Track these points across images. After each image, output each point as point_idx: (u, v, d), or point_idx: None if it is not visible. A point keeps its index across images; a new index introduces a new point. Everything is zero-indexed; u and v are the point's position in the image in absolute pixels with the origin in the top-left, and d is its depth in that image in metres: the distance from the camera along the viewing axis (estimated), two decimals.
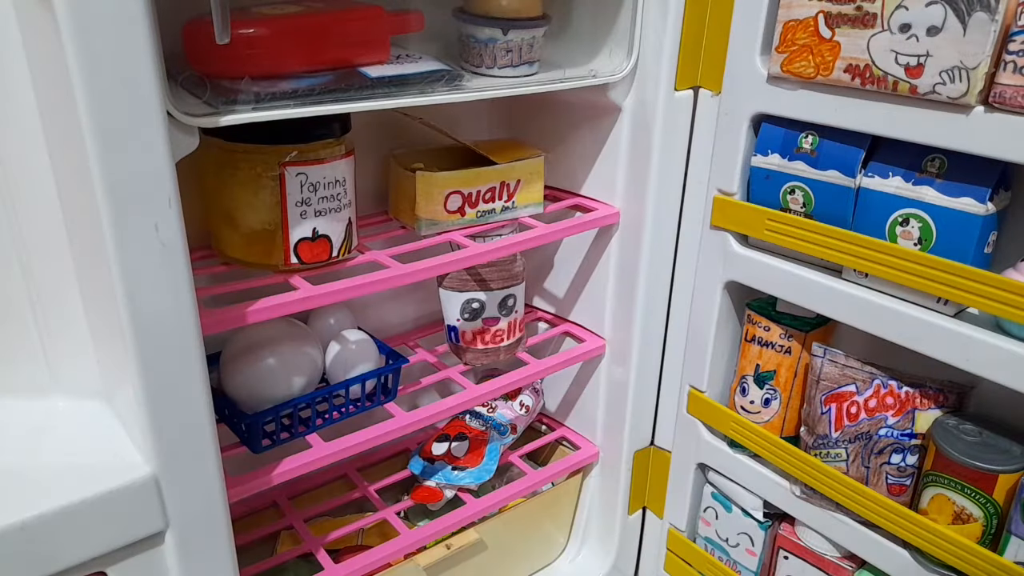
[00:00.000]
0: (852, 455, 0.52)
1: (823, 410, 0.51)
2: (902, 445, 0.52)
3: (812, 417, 0.52)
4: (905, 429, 0.52)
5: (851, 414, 0.49)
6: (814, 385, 0.53)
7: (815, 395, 0.52)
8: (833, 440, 0.52)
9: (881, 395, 0.48)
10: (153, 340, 0.46)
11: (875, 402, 0.48)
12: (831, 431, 0.52)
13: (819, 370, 0.53)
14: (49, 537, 0.46)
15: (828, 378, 0.52)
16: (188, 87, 0.51)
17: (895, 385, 0.48)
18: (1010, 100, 0.52)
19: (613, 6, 0.70)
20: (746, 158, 0.71)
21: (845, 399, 0.50)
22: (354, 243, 0.67)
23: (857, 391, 0.49)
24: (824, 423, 0.52)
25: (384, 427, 0.67)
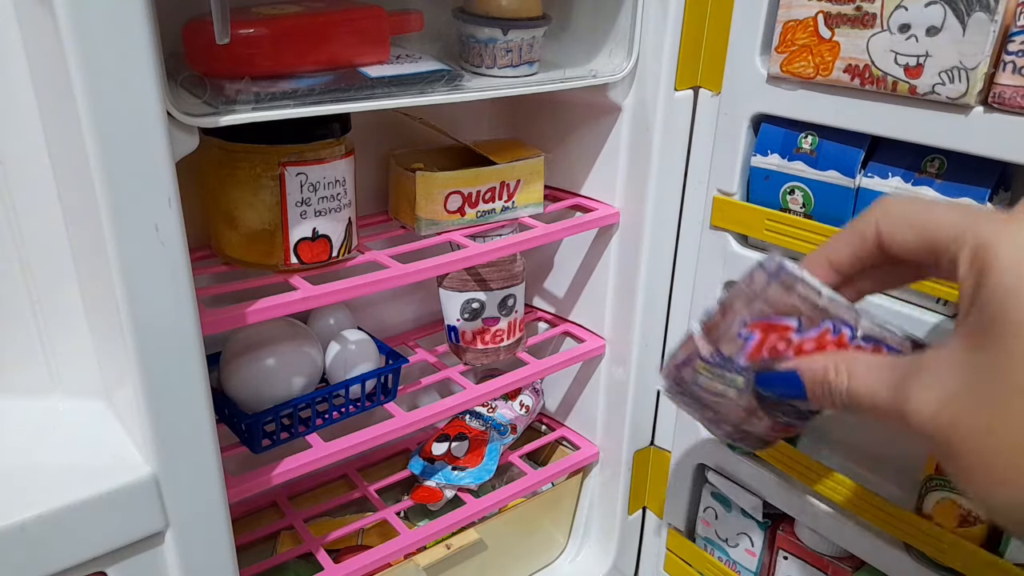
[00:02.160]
0: (749, 386, 0.41)
1: (742, 333, 0.39)
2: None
3: (723, 330, 0.40)
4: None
5: (775, 350, 0.37)
6: (744, 299, 0.39)
7: (740, 310, 0.39)
8: (737, 367, 0.40)
9: (826, 341, 0.37)
10: (153, 340, 0.46)
11: (812, 346, 0.37)
12: (739, 358, 0.40)
13: (762, 287, 0.38)
14: (49, 537, 0.46)
15: (770, 302, 0.38)
16: (188, 87, 0.51)
17: (847, 334, 0.36)
18: (1009, 100, 0.52)
19: (613, 6, 0.70)
20: (746, 158, 0.71)
21: (776, 331, 0.37)
22: (354, 243, 0.67)
23: (798, 328, 0.37)
24: (735, 346, 0.40)
25: (384, 427, 0.67)
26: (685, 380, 0.43)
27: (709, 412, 0.44)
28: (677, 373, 0.44)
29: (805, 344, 0.39)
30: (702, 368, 0.43)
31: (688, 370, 0.43)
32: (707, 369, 0.42)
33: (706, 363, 0.42)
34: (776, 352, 0.40)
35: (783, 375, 0.39)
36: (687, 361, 0.43)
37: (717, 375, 0.42)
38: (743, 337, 0.40)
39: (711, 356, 0.42)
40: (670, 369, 0.44)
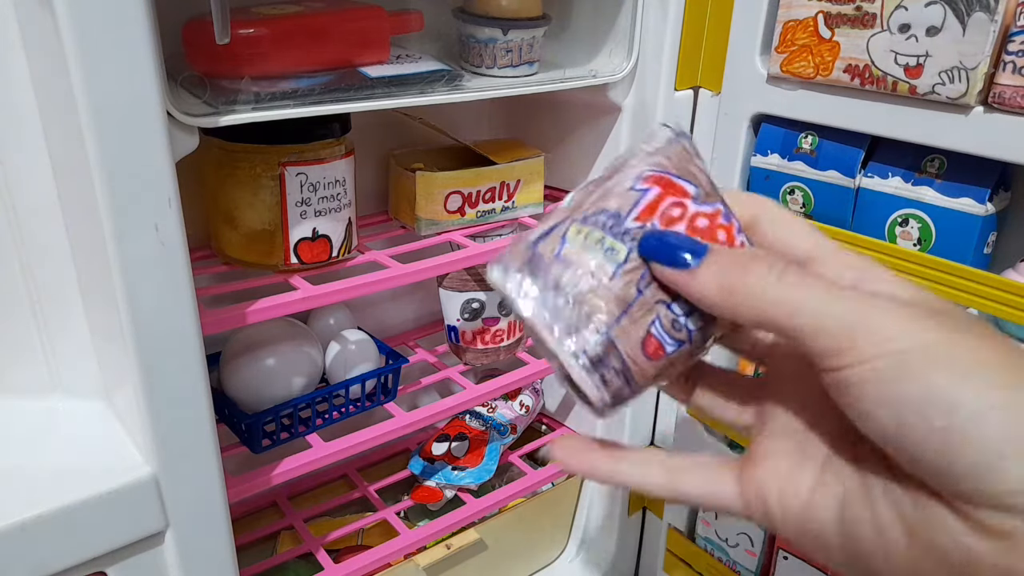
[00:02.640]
0: (632, 265, 0.30)
1: (636, 185, 0.31)
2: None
3: (612, 185, 0.31)
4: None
5: (668, 216, 0.30)
6: (641, 153, 0.32)
7: (635, 163, 0.31)
8: (623, 227, 0.30)
9: (717, 223, 0.31)
10: (153, 340, 0.46)
11: (705, 223, 0.30)
12: (627, 216, 0.30)
13: (664, 144, 0.32)
14: (49, 537, 0.46)
15: (672, 161, 0.32)
16: (188, 87, 0.51)
17: (736, 226, 0.31)
18: (1009, 100, 0.52)
19: (613, 6, 0.70)
20: (746, 158, 0.71)
21: (675, 192, 0.31)
22: (354, 243, 0.67)
23: (695, 197, 0.31)
24: (626, 200, 0.31)
25: (384, 427, 0.67)
26: (540, 256, 0.30)
27: (566, 308, 0.30)
28: (530, 251, 0.31)
29: (699, 219, 0.31)
30: (575, 232, 0.30)
31: (550, 241, 0.31)
32: (582, 232, 0.30)
33: (583, 223, 0.30)
34: (670, 220, 0.30)
35: (684, 239, 0.29)
36: (551, 230, 0.31)
37: (594, 240, 0.30)
38: (636, 189, 0.31)
39: (592, 214, 0.31)
40: (519, 248, 0.31)
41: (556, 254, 0.30)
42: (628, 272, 0.30)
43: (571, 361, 0.29)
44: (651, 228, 0.30)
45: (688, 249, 0.29)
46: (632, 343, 0.30)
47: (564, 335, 0.30)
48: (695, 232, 0.30)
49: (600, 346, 0.29)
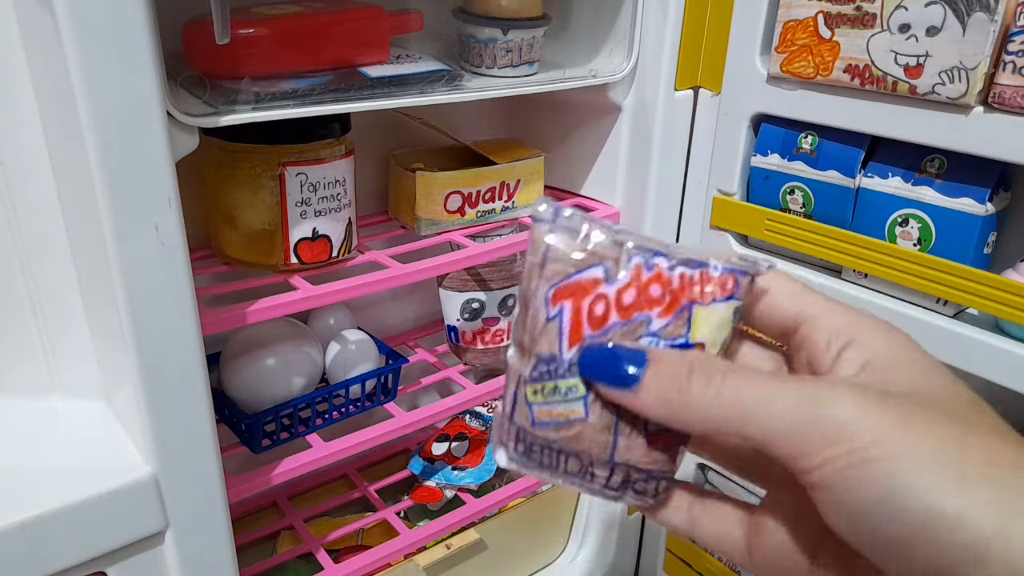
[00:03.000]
0: (595, 389, 0.28)
1: (549, 314, 0.28)
2: None
3: (531, 326, 0.29)
4: (677, 337, 0.28)
5: (595, 317, 0.28)
6: (535, 271, 0.28)
7: (537, 288, 0.28)
8: (565, 364, 0.28)
9: (643, 281, 0.28)
10: (153, 340, 0.46)
11: (633, 294, 0.28)
12: (561, 349, 0.28)
13: (544, 248, 0.28)
14: (49, 537, 0.46)
15: (560, 259, 0.28)
16: (188, 87, 0.51)
17: (664, 265, 0.28)
18: (1009, 100, 0.52)
19: (613, 6, 0.70)
20: (746, 158, 0.71)
21: (587, 292, 0.28)
22: (354, 243, 0.67)
23: (606, 277, 0.28)
24: (550, 336, 0.28)
25: (384, 427, 0.67)
26: (524, 430, 0.29)
27: (571, 460, 0.29)
28: (514, 426, 0.30)
29: (624, 296, 0.28)
30: (532, 394, 0.29)
31: (519, 411, 0.29)
32: (537, 391, 0.29)
33: (533, 383, 0.29)
34: (600, 322, 0.28)
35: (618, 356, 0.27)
36: (515, 398, 0.29)
37: (549, 392, 0.29)
38: (552, 318, 0.28)
39: (533, 369, 0.29)
40: (505, 426, 0.30)
41: (532, 423, 0.29)
42: (595, 402, 0.29)
43: (610, 497, 0.30)
44: (588, 343, 0.28)
45: (624, 366, 0.27)
46: (639, 451, 0.29)
47: (586, 484, 0.30)
48: (627, 312, 0.28)
49: (618, 474, 0.29)
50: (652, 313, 0.28)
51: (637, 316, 0.28)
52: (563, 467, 0.30)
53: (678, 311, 0.28)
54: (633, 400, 0.27)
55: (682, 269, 0.28)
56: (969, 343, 0.58)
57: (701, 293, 0.28)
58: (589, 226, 0.28)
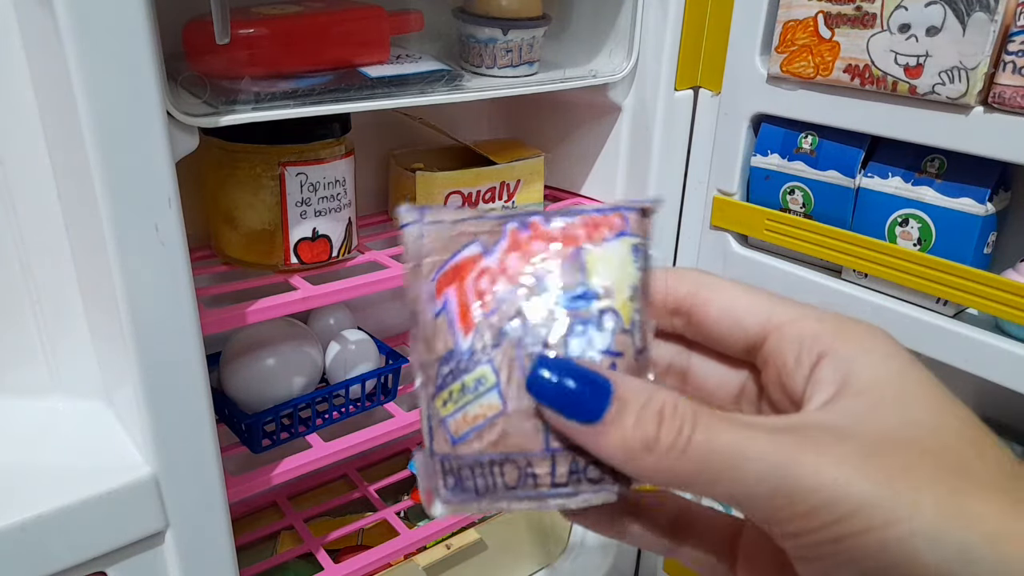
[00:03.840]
0: (505, 371, 0.24)
1: (435, 310, 0.25)
2: (580, 316, 0.24)
3: (423, 338, 0.25)
4: (575, 287, 0.25)
5: (480, 292, 0.24)
6: (414, 275, 0.26)
7: (419, 291, 0.25)
8: (465, 354, 0.24)
9: (523, 242, 0.25)
10: (153, 340, 0.46)
11: (516, 257, 0.25)
12: (456, 340, 0.24)
13: (416, 248, 0.26)
14: (49, 537, 0.46)
15: (437, 249, 0.25)
16: (188, 87, 0.51)
17: (540, 221, 0.25)
18: (1009, 100, 0.52)
19: (613, 6, 0.70)
20: (746, 158, 0.71)
21: (467, 270, 0.25)
22: (354, 243, 0.67)
23: (484, 250, 0.25)
24: (442, 332, 0.25)
25: (384, 427, 0.67)
26: (448, 456, 0.25)
27: (507, 468, 0.24)
28: (435, 459, 0.26)
29: (507, 261, 0.25)
30: (441, 405, 0.25)
31: (437, 436, 0.26)
32: (445, 400, 0.25)
33: (439, 392, 0.25)
34: (482, 293, 0.24)
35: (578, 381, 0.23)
36: (431, 426, 0.26)
37: (458, 394, 0.25)
38: (439, 312, 0.25)
39: (435, 375, 0.25)
40: (428, 467, 0.26)
41: (452, 442, 0.25)
42: (509, 383, 0.24)
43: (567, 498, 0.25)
44: (483, 322, 0.24)
45: (583, 393, 0.23)
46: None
47: (531, 493, 0.24)
48: (515, 278, 0.25)
49: (561, 463, 0.24)
50: (540, 269, 0.25)
51: (525, 278, 0.25)
52: (501, 482, 0.24)
53: (568, 260, 0.25)
54: (589, 440, 0.23)
55: (561, 219, 0.25)
56: (969, 343, 0.58)
57: (588, 236, 0.25)
58: (457, 212, 0.26)
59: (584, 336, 0.24)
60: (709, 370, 0.28)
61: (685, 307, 0.27)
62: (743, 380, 0.27)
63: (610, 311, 0.25)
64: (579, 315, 0.25)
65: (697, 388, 0.28)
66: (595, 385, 0.23)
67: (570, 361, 0.24)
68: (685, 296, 0.27)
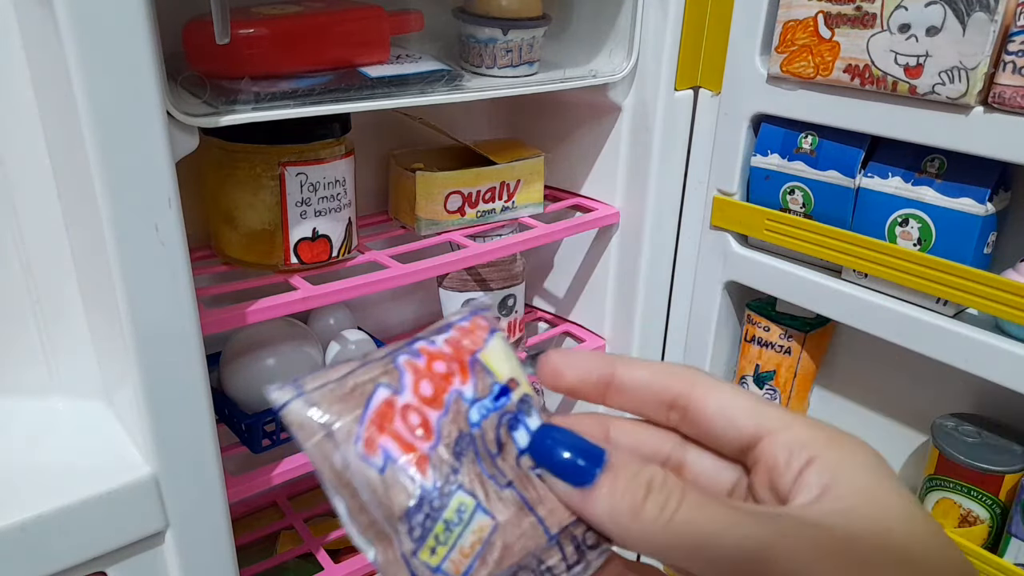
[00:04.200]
0: (479, 488, 0.25)
1: (378, 465, 0.24)
2: (509, 412, 0.26)
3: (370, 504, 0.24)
4: (492, 387, 0.27)
5: (415, 427, 0.25)
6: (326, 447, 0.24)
7: (344, 458, 0.24)
8: (434, 494, 0.24)
9: (423, 368, 0.26)
10: (153, 340, 0.46)
11: (428, 384, 0.26)
12: (416, 482, 0.24)
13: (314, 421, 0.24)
14: (49, 537, 0.46)
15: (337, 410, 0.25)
16: (188, 87, 0.51)
17: (425, 344, 0.27)
18: (1009, 100, 0.52)
19: (613, 6, 0.70)
20: (746, 158, 0.71)
21: (389, 416, 0.25)
22: (354, 243, 0.67)
23: (394, 390, 0.25)
24: (396, 483, 0.24)
25: None
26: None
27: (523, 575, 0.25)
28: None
29: (421, 390, 0.26)
30: (429, 556, 0.24)
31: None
32: (431, 547, 0.24)
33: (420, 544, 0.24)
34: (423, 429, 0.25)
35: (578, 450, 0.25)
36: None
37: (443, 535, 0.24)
38: (384, 467, 0.24)
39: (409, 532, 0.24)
40: None
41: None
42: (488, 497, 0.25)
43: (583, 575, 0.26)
44: (433, 455, 0.25)
45: (579, 459, 0.25)
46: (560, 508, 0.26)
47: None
48: (437, 401, 0.25)
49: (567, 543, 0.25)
50: (456, 386, 0.26)
51: (447, 398, 0.26)
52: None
53: (471, 368, 0.27)
54: (580, 503, 0.24)
55: (441, 337, 0.27)
56: (969, 343, 0.58)
57: (473, 342, 0.27)
58: (335, 371, 0.26)
59: (523, 425, 0.26)
60: (703, 464, 0.29)
61: (681, 403, 0.28)
62: (735, 477, 0.28)
63: (526, 397, 0.27)
64: (508, 411, 0.26)
65: (693, 480, 0.29)
66: (589, 452, 0.25)
67: (567, 431, 0.26)
68: (680, 393, 0.28)
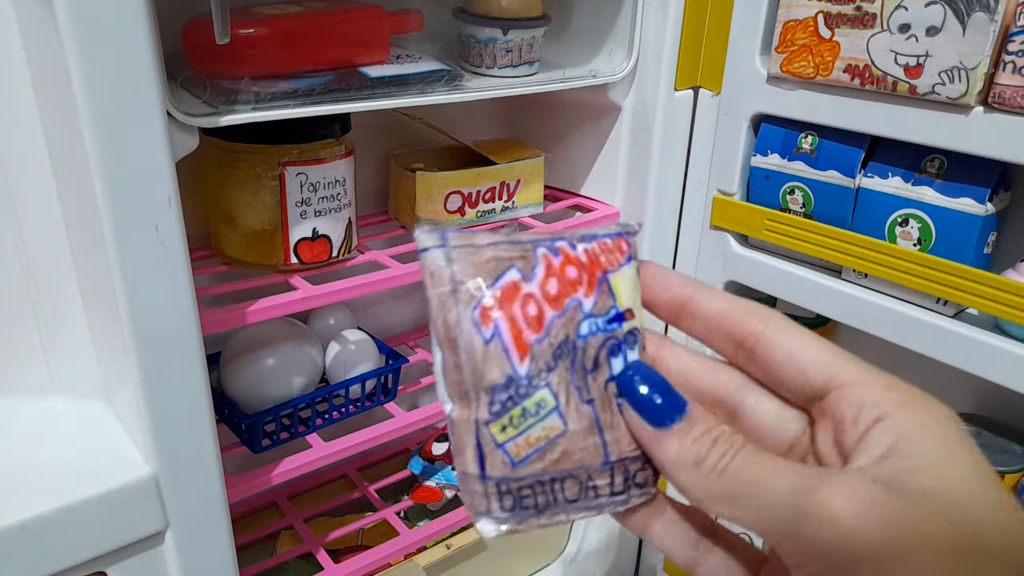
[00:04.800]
0: (563, 393, 0.26)
1: (484, 337, 0.25)
2: (615, 338, 0.27)
3: (466, 365, 0.25)
4: (610, 310, 0.27)
5: (531, 318, 0.26)
6: (449, 302, 0.25)
7: (459, 317, 0.25)
8: (523, 381, 0.26)
9: (558, 268, 0.27)
10: (153, 340, 0.46)
11: (555, 283, 0.26)
12: (513, 366, 0.26)
13: (448, 274, 0.26)
14: (49, 537, 0.46)
15: (471, 275, 0.26)
16: (188, 87, 0.51)
17: (566, 245, 0.27)
18: (1009, 100, 0.52)
19: (613, 6, 0.70)
20: (746, 158, 0.71)
21: (513, 297, 0.26)
22: (354, 243, 0.67)
23: (523, 276, 0.26)
24: (496, 358, 0.25)
25: (384, 427, 0.67)
26: (507, 479, 0.26)
27: (568, 484, 0.27)
28: (489, 483, 0.27)
29: (548, 287, 0.26)
30: (499, 431, 0.26)
31: (493, 459, 0.26)
32: (504, 426, 0.26)
33: (496, 419, 0.26)
34: (535, 322, 0.26)
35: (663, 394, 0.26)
36: (481, 452, 0.26)
37: (519, 419, 0.26)
38: (490, 339, 0.25)
39: (490, 405, 0.26)
40: (478, 490, 0.27)
41: (512, 465, 0.26)
42: (568, 405, 0.26)
43: (617, 505, 0.28)
44: (536, 347, 0.26)
45: (664, 403, 0.26)
46: (626, 437, 0.27)
47: (589, 503, 0.27)
48: (558, 302, 0.27)
49: (618, 473, 0.27)
50: (579, 296, 0.27)
51: (568, 303, 0.27)
52: (562, 497, 0.27)
53: (598, 285, 0.28)
54: (651, 441, 0.26)
55: (583, 245, 0.28)
56: (969, 343, 0.58)
57: (608, 261, 0.28)
58: (481, 237, 0.27)
59: (621, 355, 0.28)
60: (766, 409, 0.29)
61: (750, 343, 0.27)
62: (799, 429, 0.28)
63: (635, 331, 0.28)
64: (615, 336, 0.27)
65: (754, 428, 0.29)
66: (674, 398, 0.26)
67: (658, 374, 0.27)
68: (751, 332, 0.27)
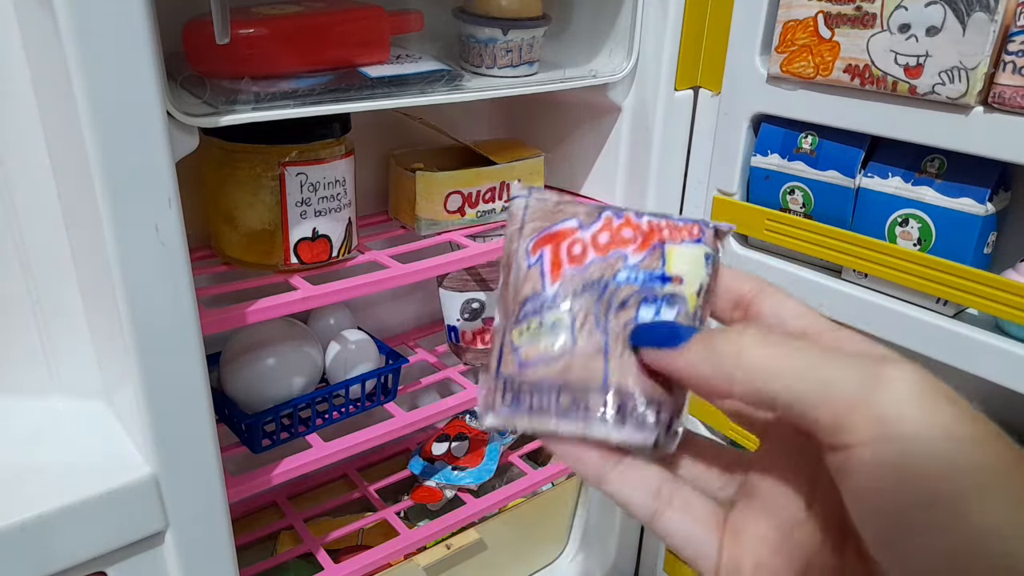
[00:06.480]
0: (580, 318, 0.29)
1: (530, 261, 0.30)
2: (653, 293, 0.30)
3: (512, 283, 0.31)
4: (654, 269, 0.30)
5: (574, 255, 0.30)
6: (515, 236, 0.31)
7: (518, 247, 0.31)
8: (548, 298, 0.30)
9: (615, 227, 0.30)
10: (153, 340, 0.46)
11: (607, 236, 0.30)
12: (544, 285, 0.30)
13: (521, 216, 0.31)
14: (49, 537, 0.46)
15: (540, 218, 0.31)
16: (188, 87, 0.51)
17: (632, 215, 0.30)
18: (1009, 100, 0.52)
19: (613, 6, 0.70)
20: (746, 158, 0.71)
21: (563, 237, 0.30)
22: (354, 243, 0.67)
23: (580, 225, 0.30)
24: (532, 279, 0.30)
25: (384, 427, 0.67)
26: (512, 377, 0.30)
27: (563, 394, 0.29)
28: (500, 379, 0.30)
29: (600, 237, 0.30)
30: (517, 335, 0.30)
31: (507, 360, 0.30)
32: (522, 331, 0.30)
33: (518, 324, 0.30)
34: (577, 258, 0.30)
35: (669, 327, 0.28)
36: (501, 351, 0.30)
37: (535, 329, 0.29)
38: (533, 263, 0.30)
39: (519, 312, 0.30)
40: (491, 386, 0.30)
41: (520, 365, 0.29)
42: (582, 328, 0.29)
43: (612, 435, 0.28)
44: (569, 276, 0.30)
45: (674, 331, 0.27)
46: (633, 374, 0.29)
47: (580, 420, 0.28)
48: (604, 250, 0.30)
49: (613, 401, 0.28)
50: (627, 250, 0.30)
51: (613, 252, 0.30)
52: (555, 405, 0.29)
53: (651, 248, 0.30)
54: (668, 359, 0.27)
55: (649, 218, 0.30)
56: (969, 343, 0.58)
57: (671, 236, 0.30)
58: (559, 195, 0.31)
59: (653, 307, 0.29)
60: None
61: (745, 303, 0.29)
62: None
63: (680, 296, 0.29)
64: (653, 291, 0.29)
65: None
66: (682, 328, 0.27)
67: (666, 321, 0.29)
68: (745, 294, 0.29)
